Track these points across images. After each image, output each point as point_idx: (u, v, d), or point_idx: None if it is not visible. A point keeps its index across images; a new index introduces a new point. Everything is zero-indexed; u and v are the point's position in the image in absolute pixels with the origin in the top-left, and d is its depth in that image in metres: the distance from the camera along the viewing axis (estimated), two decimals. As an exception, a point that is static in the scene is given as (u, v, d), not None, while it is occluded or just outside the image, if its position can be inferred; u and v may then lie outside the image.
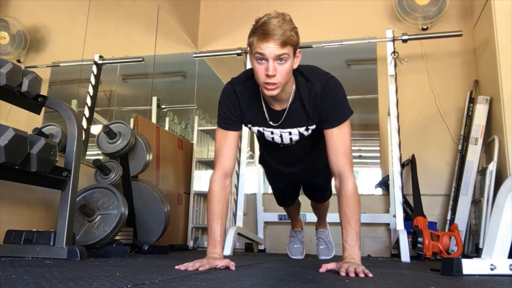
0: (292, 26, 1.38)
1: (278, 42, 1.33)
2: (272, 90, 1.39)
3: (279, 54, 1.34)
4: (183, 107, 4.29)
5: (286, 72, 1.39)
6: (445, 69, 3.53)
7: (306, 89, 1.49)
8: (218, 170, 1.56)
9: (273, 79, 1.36)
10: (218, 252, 1.48)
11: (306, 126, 1.57)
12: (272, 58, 1.35)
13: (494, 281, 1.22)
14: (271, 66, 1.35)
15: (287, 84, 1.45)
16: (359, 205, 1.47)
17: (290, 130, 1.58)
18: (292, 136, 1.60)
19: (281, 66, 1.37)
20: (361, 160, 4.81)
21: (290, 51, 1.37)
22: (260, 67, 1.37)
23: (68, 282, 0.91)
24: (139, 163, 2.64)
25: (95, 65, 2.86)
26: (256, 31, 1.37)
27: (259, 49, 1.35)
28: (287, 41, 1.34)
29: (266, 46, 1.34)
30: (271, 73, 1.35)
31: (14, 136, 1.48)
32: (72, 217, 1.76)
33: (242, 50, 3.20)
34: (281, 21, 1.35)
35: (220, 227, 1.51)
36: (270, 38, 1.33)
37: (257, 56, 1.37)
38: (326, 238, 2.45)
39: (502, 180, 2.50)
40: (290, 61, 1.39)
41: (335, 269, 1.37)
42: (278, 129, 1.59)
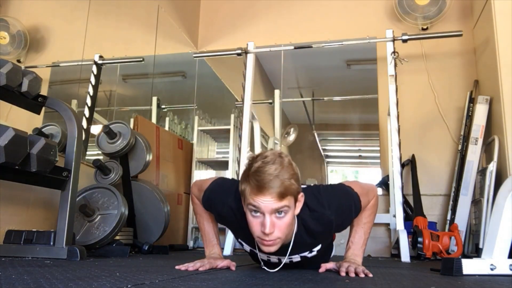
0: (291, 173, 1.18)
1: (275, 195, 1.14)
2: (270, 247, 1.21)
3: (277, 208, 1.16)
4: (183, 107, 4.29)
5: (286, 226, 1.20)
6: (445, 69, 3.53)
7: (313, 220, 1.31)
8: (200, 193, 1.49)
9: (271, 236, 1.18)
10: (218, 252, 1.48)
11: (310, 250, 1.41)
12: (268, 213, 1.16)
13: (494, 281, 1.22)
14: (267, 222, 1.16)
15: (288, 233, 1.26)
16: (374, 216, 1.48)
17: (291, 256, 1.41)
18: (292, 259, 1.43)
19: (280, 220, 1.18)
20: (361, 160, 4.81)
21: (290, 201, 1.18)
22: (255, 220, 1.18)
23: (68, 282, 0.91)
24: (139, 163, 2.64)
25: (95, 65, 2.86)
26: (249, 179, 1.17)
27: (253, 202, 1.16)
28: (285, 192, 1.15)
29: (261, 200, 1.15)
30: (268, 230, 1.16)
31: (14, 136, 1.48)
32: (72, 217, 1.76)
33: (242, 50, 3.20)
34: (279, 168, 1.16)
35: (213, 228, 1.51)
36: (266, 191, 1.14)
37: (251, 208, 1.18)
38: None
39: (502, 180, 2.50)
40: (291, 212, 1.20)
41: (335, 268, 1.37)
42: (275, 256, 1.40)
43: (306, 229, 1.32)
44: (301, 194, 1.25)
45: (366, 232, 1.44)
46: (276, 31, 3.93)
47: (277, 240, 1.21)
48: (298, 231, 1.31)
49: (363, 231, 1.44)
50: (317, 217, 1.31)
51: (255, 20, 4.04)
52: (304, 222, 1.31)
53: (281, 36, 3.86)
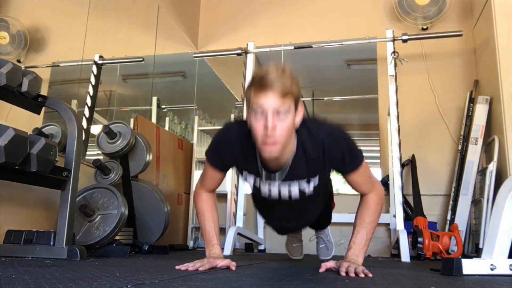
0: (292, 78, 1.26)
1: (277, 93, 1.21)
2: (272, 149, 1.26)
3: (278, 106, 1.22)
4: (183, 107, 4.29)
5: (287, 129, 1.26)
6: (445, 69, 3.53)
7: (310, 142, 1.37)
8: (203, 189, 1.56)
9: (272, 137, 1.23)
10: (218, 252, 1.48)
11: (307, 180, 1.46)
12: (271, 111, 1.22)
13: (494, 281, 1.22)
14: (270, 119, 1.22)
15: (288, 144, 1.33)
16: (379, 213, 1.47)
17: (289, 182, 1.46)
18: (291, 191, 1.48)
19: (281, 122, 1.24)
20: (361, 160, 4.81)
21: (291, 104, 1.25)
22: (259, 124, 1.24)
23: (68, 282, 0.91)
24: (139, 163, 2.64)
25: (95, 65, 2.86)
26: (253, 83, 1.26)
27: (257, 102, 1.23)
28: (287, 91, 1.22)
29: (264, 99, 1.22)
30: (270, 128, 1.22)
31: (14, 136, 1.48)
32: (72, 217, 1.76)
33: (242, 50, 3.20)
34: (280, 72, 1.24)
35: (214, 228, 1.51)
36: (269, 89, 1.21)
37: (254, 111, 1.25)
38: (325, 237, 2.45)
39: (502, 180, 2.50)
40: (292, 116, 1.26)
41: (335, 268, 1.37)
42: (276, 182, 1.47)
43: (304, 151, 1.38)
44: (300, 104, 1.32)
45: (369, 232, 1.44)
46: (276, 31, 3.93)
47: (278, 143, 1.26)
48: (297, 151, 1.38)
49: (365, 232, 1.43)
50: (314, 139, 1.37)
51: (255, 20, 4.04)
52: (303, 143, 1.38)
53: (281, 36, 3.86)
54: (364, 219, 1.44)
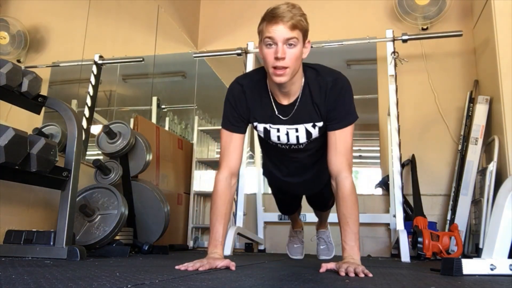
0: (301, 13, 1.40)
1: (287, 25, 1.34)
2: (281, 76, 1.38)
3: (288, 37, 1.34)
4: (183, 107, 4.29)
5: (296, 57, 1.38)
6: (445, 69, 3.53)
7: (316, 83, 1.48)
8: (224, 169, 1.54)
9: (282, 63, 1.35)
10: (219, 252, 1.47)
11: (313, 122, 1.52)
12: (281, 41, 1.35)
13: (494, 281, 1.22)
14: (280, 49, 1.34)
15: (296, 74, 1.43)
16: (357, 205, 1.46)
17: (297, 126, 1.53)
18: (298, 134, 1.55)
19: (290, 50, 1.36)
20: (361, 160, 4.81)
21: (299, 35, 1.37)
22: (269, 51, 1.37)
23: (68, 282, 0.91)
24: (139, 163, 2.64)
25: (95, 65, 2.86)
26: (265, 16, 1.38)
27: (268, 33, 1.35)
28: (296, 24, 1.35)
29: (275, 29, 1.34)
30: (280, 55, 1.34)
31: (14, 136, 1.48)
32: (72, 217, 1.76)
33: (242, 50, 3.20)
34: (290, 6, 1.37)
35: (223, 227, 1.50)
36: (280, 20, 1.34)
37: (266, 41, 1.37)
38: (326, 238, 2.45)
39: (502, 180, 2.50)
40: (300, 47, 1.38)
41: (335, 269, 1.37)
42: (285, 126, 1.54)
43: (309, 90, 1.48)
44: (308, 40, 1.44)
45: (354, 226, 1.43)
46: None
47: (288, 70, 1.37)
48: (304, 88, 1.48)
49: (350, 228, 1.42)
50: (320, 80, 1.48)
51: (255, 20, 3.97)
52: (309, 83, 1.48)
53: (281, 36, 3.85)
54: (345, 216, 1.44)
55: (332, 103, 1.47)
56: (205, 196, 3.88)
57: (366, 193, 3.59)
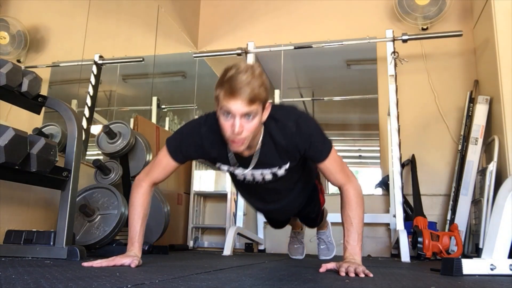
0: (261, 82, 1.29)
1: (245, 100, 1.25)
2: (239, 146, 1.34)
3: (246, 111, 1.27)
4: (183, 107, 4.29)
5: (254, 128, 1.32)
6: (445, 69, 3.53)
7: (277, 129, 1.43)
8: (148, 180, 1.57)
9: (239, 136, 1.30)
10: (135, 250, 1.51)
11: (278, 166, 1.51)
12: (239, 115, 1.27)
13: (494, 281, 1.22)
14: (237, 123, 1.27)
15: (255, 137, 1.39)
16: (362, 207, 1.47)
17: (261, 171, 1.52)
18: (264, 176, 1.54)
19: (249, 123, 1.30)
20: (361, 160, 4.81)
21: (258, 107, 1.29)
22: (227, 122, 1.30)
23: (68, 282, 0.91)
24: (139, 163, 2.64)
25: (95, 65, 2.86)
26: (223, 85, 1.28)
27: (225, 106, 1.27)
28: (255, 98, 1.26)
29: (233, 103, 1.26)
30: (237, 130, 1.27)
31: (14, 136, 1.48)
32: (72, 217, 1.76)
33: (242, 50, 3.20)
34: (250, 76, 1.26)
35: (140, 226, 1.53)
36: (237, 95, 1.25)
37: (223, 112, 1.29)
38: (326, 238, 2.45)
39: (502, 180, 2.50)
40: (259, 117, 1.32)
41: (335, 269, 1.37)
42: (247, 170, 1.52)
43: (271, 139, 1.44)
44: (268, 103, 1.37)
45: (358, 228, 1.44)
46: (276, 31, 3.93)
47: (245, 140, 1.33)
48: (264, 139, 1.44)
49: (354, 229, 1.43)
50: (280, 127, 1.43)
51: (255, 20, 4.04)
52: (270, 131, 1.44)
53: (281, 36, 3.86)
54: (349, 217, 1.45)
55: (304, 146, 1.44)
56: (205, 196, 3.88)
57: (366, 193, 3.55)
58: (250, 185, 1.61)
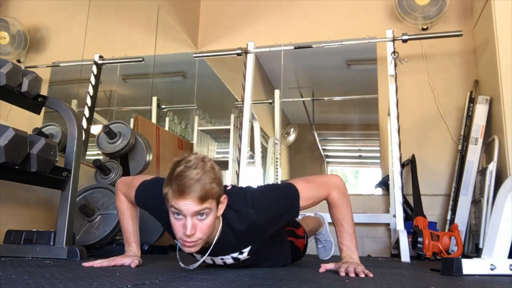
0: (212, 177, 1.21)
1: (196, 199, 1.17)
2: (191, 248, 1.23)
3: (198, 210, 1.18)
4: (183, 107, 4.29)
5: (208, 227, 1.23)
6: (445, 69, 3.53)
7: (237, 219, 1.33)
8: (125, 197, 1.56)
9: (192, 238, 1.20)
10: (133, 250, 1.51)
11: (239, 251, 1.43)
12: (190, 215, 1.18)
13: (494, 281, 1.22)
14: (189, 224, 1.18)
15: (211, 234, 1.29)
16: (348, 206, 1.46)
17: (221, 257, 1.45)
18: (225, 261, 1.47)
19: (202, 222, 1.20)
20: (361, 160, 4.81)
21: (211, 204, 1.21)
22: (178, 223, 1.21)
23: (68, 282, 0.91)
24: (139, 163, 2.64)
25: (95, 65, 2.86)
26: (171, 183, 1.19)
27: (175, 205, 1.18)
28: (206, 196, 1.18)
29: (182, 203, 1.17)
30: (189, 232, 1.18)
31: (14, 136, 1.48)
32: (72, 217, 1.76)
33: (242, 50, 3.20)
34: (200, 172, 1.19)
35: (132, 227, 1.54)
36: (187, 195, 1.16)
37: (173, 211, 1.20)
38: (323, 237, 2.44)
39: (502, 180, 2.50)
40: (213, 214, 1.23)
41: (335, 269, 1.37)
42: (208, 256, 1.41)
43: (231, 229, 1.34)
44: (223, 196, 1.28)
45: (349, 227, 1.43)
46: (276, 31, 3.93)
47: (198, 241, 1.23)
48: (224, 231, 1.34)
49: (345, 229, 1.43)
50: (240, 216, 1.33)
51: (255, 20, 4.04)
52: (228, 221, 1.33)
53: (281, 36, 3.86)
54: (339, 219, 1.44)
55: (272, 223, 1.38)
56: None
57: (366, 193, 3.59)
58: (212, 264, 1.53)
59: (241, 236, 1.36)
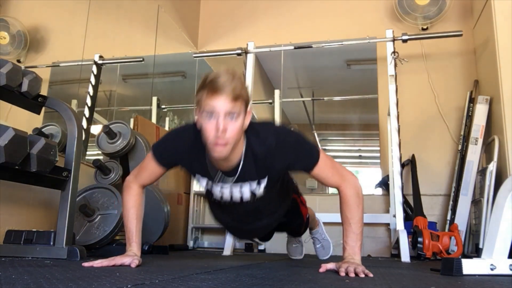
0: (242, 83, 1.31)
1: (229, 97, 1.24)
2: (222, 149, 1.28)
3: (230, 109, 1.25)
4: (183, 107, 4.29)
5: (238, 130, 1.29)
6: (445, 69, 3.53)
7: (258, 144, 1.40)
8: (136, 182, 1.56)
9: (223, 138, 1.26)
10: (133, 250, 1.51)
11: (257, 181, 1.47)
12: (222, 114, 1.25)
13: (494, 281, 1.22)
14: (221, 122, 1.25)
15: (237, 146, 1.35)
16: (360, 207, 1.45)
17: (240, 184, 1.48)
18: (242, 194, 1.50)
19: (232, 123, 1.27)
20: (361, 160, 4.81)
21: (241, 107, 1.28)
22: (210, 124, 1.27)
23: (68, 282, 0.91)
24: (139, 163, 2.63)
25: (95, 65, 2.86)
26: (205, 87, 1.27)
27: (209, 104, 1.25)
28: (238, 96, 1.26)
29: (216, 102, 1.25)
30: (222, 128, 1.24)
31: (14, 136, 1.48)
32: (72, 217, 1.76)
33: (242, 50, 3.20)
34: (231, 77, 1.27)
35: (135, 226, 1.53)
36: (221, 93, 1.24)
37: (206, 113, 1.27)
38: (320, 236, 2.44)
39: (502, 180, 2.50)
40: (242, 119, 1.30)
41: (335, 269, 1.37)
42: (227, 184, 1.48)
43: (252, 153, 1.41)
44: (250, 106, 1.36)
45: (357, 228, 1.43)
46: (276, 31, 3.93)
47: (229, 143, 1.29)
48: (246, 153, 1.41)
49: (351, 229, 1.42)
50: (261, 141, 1.40)
51: (255, 20, 4.04)
52: (251, 145, 1.40)
53: (281, 36, 3.86)
54: (347, 218, 1.43)
55: (288, 161, 1.43)
56: (205, 196, 3.88)
57: (366, 193, 3.56)
58: (226, 206, 1.57)
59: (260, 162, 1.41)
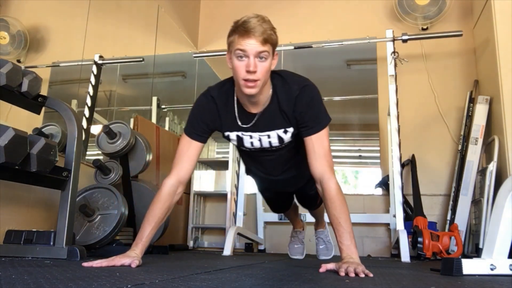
0: (271, 26, 1.43)
1: (259, 39, 1.37)
2: (252, 88, 1.40)
3: (260, 51, 1.37)
4: (183, 107, 4.29)
5: (266, 70, 1.41)
6: (445, 69, 3.53)
7: (283, 90, 1.50)
8: (174, 176, 1.56)
9: (253, 76, 1.38)
10: (136, 251, 1.51)
11: (284, 129, 1.55)
12: (253, 55, 1.37)
13: (494, 281, 1.22)
14: (252, 62, 1.37)
15: (265, 85, 1.46)
16: (345, 204, 1.46)
17: (268, 133, 1.57)
18: (271, 139, 1.58)
19: (261, 63, 1.39)
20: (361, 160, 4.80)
21: (270, 49, 1.40)
22: (241, 63, 1.39)
23: (68, 282, 0.91)
24: (139, 163, 2.64)
25: (95, 65, 2.86)
26: (237, 29, 1.39)
27: (240, 46, 1.37)
28: (267, 39, 1.38)
29: (247, 43, 1.37)
30: (252, 68, 1.37)
31: (14, 136, 1.48)
32: (72, 217, 1.76)
33: (242, 50, 3.20)
34: (261, 20, 1.40)
35: (151, 230, 1.52)
36: (252, 34, 1.36)
37: (238, 53, 1.38)
38: (325, 238, 2.45)
39: (502, 180, 2.50)
40: (270, 60, 1.42)
41: (335, 269, 1.37)
42: (256, 133, 1.57)
43: (277, 99, 1.51)
44: (276, 52, 1.47)
45: (347, 225, 1.43)
46: (276, 31, 3.92)
47: (258, 82, 1.40)
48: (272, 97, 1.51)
49: (343, 228, 1.42)
50: (286, 88, 1.50)
51: (255, 20, 4.03)
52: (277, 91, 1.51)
53: (281, 36, 3.81)
54: (336, 217, 1.44)
55: (302, 110, 1.49)
56: (205, 196, 3.88)
57: (366, 193, 3.59)
58: (256, 154, 1.67)
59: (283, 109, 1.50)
